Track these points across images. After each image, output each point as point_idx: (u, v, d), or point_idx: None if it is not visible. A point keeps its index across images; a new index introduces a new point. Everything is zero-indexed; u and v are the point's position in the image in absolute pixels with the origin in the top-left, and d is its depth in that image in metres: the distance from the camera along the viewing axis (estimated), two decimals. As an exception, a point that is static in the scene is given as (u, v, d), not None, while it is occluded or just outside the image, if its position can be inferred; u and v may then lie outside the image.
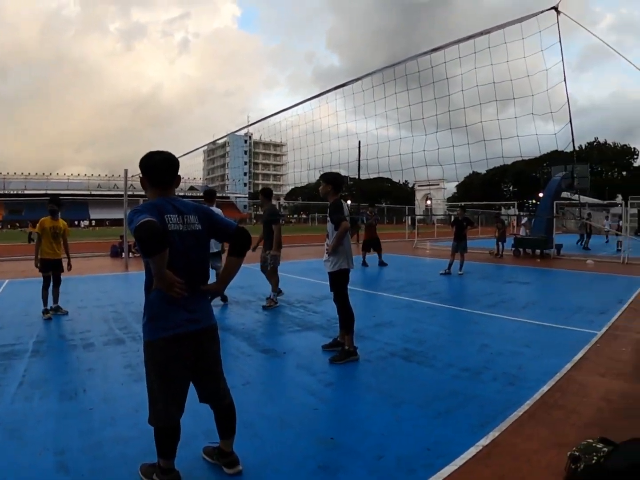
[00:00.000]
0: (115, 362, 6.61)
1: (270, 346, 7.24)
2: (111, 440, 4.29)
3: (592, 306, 10.55)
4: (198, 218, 3.52)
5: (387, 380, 5.89)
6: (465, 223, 16.82)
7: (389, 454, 4.05)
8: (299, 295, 11.95)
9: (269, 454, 4.08)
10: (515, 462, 3.92)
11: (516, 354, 6.96)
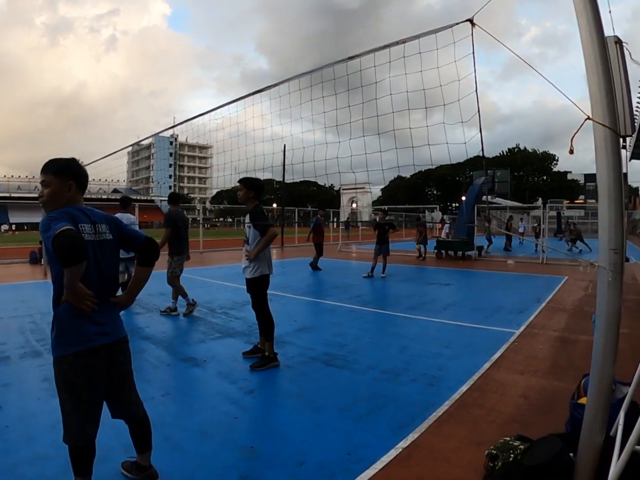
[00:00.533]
0: (33, 376, 6.33)
1: (191, 354, 7.10)
2: (29, 460, 4.10)
3: (511, 306, 10.82)
4: (108, 227, 3.41)
5: (308, 386, 5.87)
6: (387, 226, 17.00)
7: (309, 460, 4.02)
8: (221, 301, 11.79)
9: (190, 466, 3.98)
10: (434, 462, 3.95)
11: (436, 355, 7.04)
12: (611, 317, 2.98)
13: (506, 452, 3.61)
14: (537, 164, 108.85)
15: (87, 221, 3.26)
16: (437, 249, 24.69)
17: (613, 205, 2.90)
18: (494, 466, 3.58)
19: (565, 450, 3.33)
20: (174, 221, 9.55)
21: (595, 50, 2.93)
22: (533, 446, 3.59)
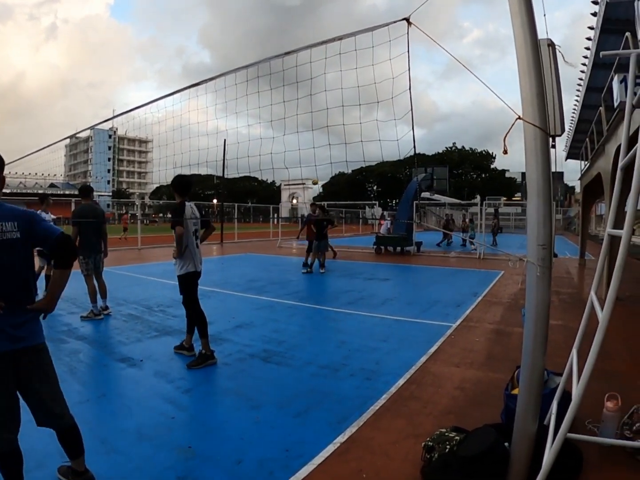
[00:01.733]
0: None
1: (127, 354, 6.95)
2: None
3: (448, 300, 10.99)
4: (16, 225, 3.12)
5: (246, 383, 5.84)
6: (325, 222, 16.99)
7: (248, 458, 4.01)
8: (158, 298, 11.59)
9: (127, 469, 3.92)
10: (373, 456, 3.99)
11: (373, 350, 7.10)
12: (540, 310, 3.06)
13: (442, 443, 3.68)
14: (475, 161, 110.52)
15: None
16: (377, 244, 24.84)
17: (542, 203, 2.98)
18: (430, 457, 3.65)
19: (500, 440, 3.41)
20: (77, 216, 9.21)
21: (528, 52, 3.00)
22: (468, 437, 3.67)
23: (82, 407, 4.93)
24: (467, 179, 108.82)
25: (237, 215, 46.83)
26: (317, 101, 6.82)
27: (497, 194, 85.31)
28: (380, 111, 6.24)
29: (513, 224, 58.82)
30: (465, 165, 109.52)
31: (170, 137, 9.15)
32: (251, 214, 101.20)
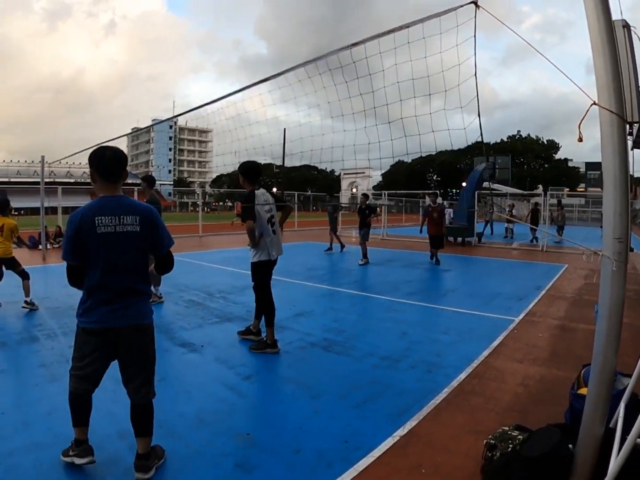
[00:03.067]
0: (29, 362, 6.30)
1: (188, 339, 7.05)
2: (24, 448, 4.06)
3: (510, 292, 10.78)
4: (138, 220, 3.57)
5: (306, 372, 5.84)
6: (367, 211, 16.87)
7: (306, 448, 4.00)
8: (220, 285, 11.74)
9: (185, 453, 3.97)
10: (433, 450, 3.93)
11: (435, 341, 7.03)
12: (614, 307, 2.94)
13: (505, 442, 3.58)
14: (539, 151, 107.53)
15: (109, 213, 3.47)
16: (437, 234, 24.54)
17: (619, 193, 2.84)
18: (492, 456, 3.56)
19: (564, 442, 3.29)
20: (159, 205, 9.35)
21: (602, 34, 2.85)
22: (532, 437, 3.56)
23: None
24: (530, 169, 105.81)
25: (296, 203, 46.89)
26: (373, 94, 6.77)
27: (560, 185, 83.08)
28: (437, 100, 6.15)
29: (576, 216, 57.14)
30: (528, 155, 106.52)
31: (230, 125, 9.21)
32: (310, 203, 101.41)
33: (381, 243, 24.64)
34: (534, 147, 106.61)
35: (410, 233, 27.72)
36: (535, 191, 42.78)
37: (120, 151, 3.76)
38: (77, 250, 3.46)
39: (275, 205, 6.92)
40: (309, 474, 3.63)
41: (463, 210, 24.98)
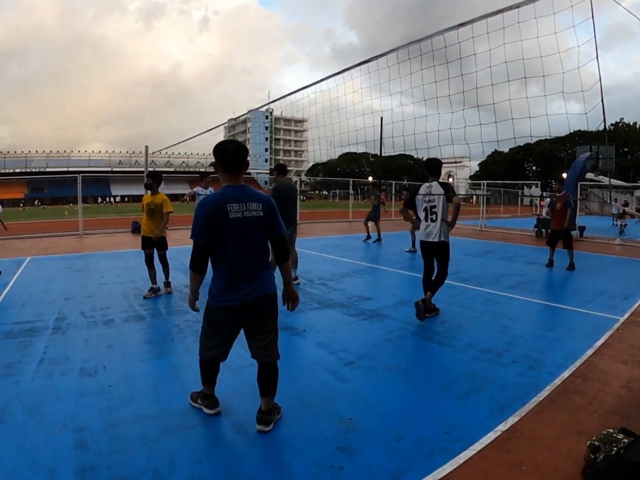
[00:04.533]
0: (136, 338, 6.68)
1: (290, 323, 7.22)
2: (130, 419, 4.34)
3: (615, 290, 10.43)
4: (261, 206, 4.05)
5: (407, 360, 5.93)
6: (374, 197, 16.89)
7: (407, 436, 4.07)
8: (319, 272, 11.95)
9: (288, 434, 4.12)
10: (534, 449, 3.92)
11: (537, 337, 6.93)
12: None
13: (609, 444, 3.55)
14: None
15: (236, 201, 3.92)
16: (538, 227, 23.94)
17: None
18: (595, 458, 3.54)
19: (671, 448, 3.25)
20: (276, 192, 9.59)
21: None
22: (637, 441, 3.52)
23: (246, 371, 5.20)
24: (635, 158, 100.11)
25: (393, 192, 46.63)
26: (470, 78, 6.69)
27: None
28: (534, 87, 6.04)
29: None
30: (632, 143, 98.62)
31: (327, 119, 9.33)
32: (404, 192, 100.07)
33: (480, 234, 24.29)
34: (638, 136, 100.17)
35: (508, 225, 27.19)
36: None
37: (241, 144, 4.18)
38: (207, 232, 3.86)
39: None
40: (410, 462, 3.68)
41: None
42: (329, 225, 26.77)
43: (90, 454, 3.76)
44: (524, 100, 6.29)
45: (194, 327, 7.09)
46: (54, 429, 4.17)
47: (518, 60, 6.01)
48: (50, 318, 7.59)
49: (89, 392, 4.90)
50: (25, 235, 21.02)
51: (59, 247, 16.95)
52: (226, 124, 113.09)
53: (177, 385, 5.10)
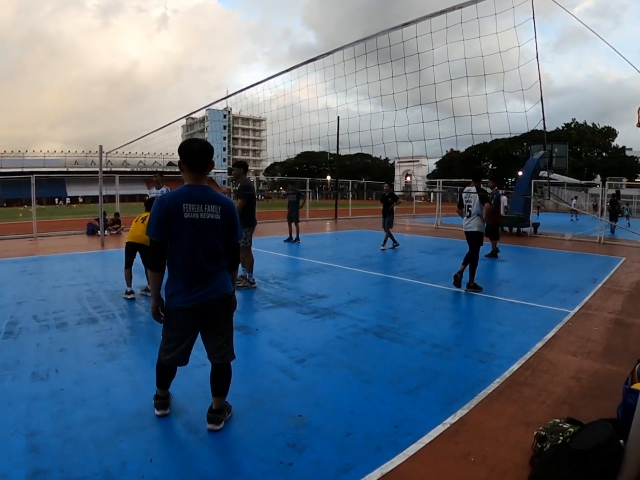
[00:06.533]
0: (88, 341, 6.54)
1: (243, 322, 7.19)
2: (82, 422, 4.26)
3: (566, 285, 10.63)
4: (220, 209, 3.98)
5: (359, 357, 5.92)
6: (390, 199, 17.18)
7: (357, 431, 4.08)
8: (273, 271, 11.93)
9: (239, 432, 4.11)
10: (482, 440, 3.96)
11: (488, 331, 7.03)
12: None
13: (555, 434, 3.60)
14: (596, 139, 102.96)
15: (193, 201, 3.87)
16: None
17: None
18: (542, 447, 3.58)
19: (616, 436, 3.29)
20: (247, 190, 9.50)
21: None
22: (583, 430, 3.56)
23: (198, 371, 5.16)
24: (586, 158, 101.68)
25: (350, 191, 46.93)
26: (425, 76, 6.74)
27: (618, 175, 79.93)
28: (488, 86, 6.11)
29: (636, 208, 55.06)
30: (584, 143, 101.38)
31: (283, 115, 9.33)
32: (365, 191, 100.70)
33: (435, 232, 24.55)
34: (588, 136, 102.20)
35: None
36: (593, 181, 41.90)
37: (207, 144, 4.16)
38: (162, 228, 3.83)
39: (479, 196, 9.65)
40: (359, 457, 3.69)
41: (519, 199, 24.63)
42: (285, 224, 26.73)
43: (42, 458, 3.70)
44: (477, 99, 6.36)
45: (147, 328, 7.04)
46: (6, 434, 4.08)
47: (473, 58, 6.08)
48: (2, 322, 7.42)
49: (40, 396, 4.81)
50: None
51: (12, 250, 16.58)
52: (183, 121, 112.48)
53: (130, 387, 5.04)
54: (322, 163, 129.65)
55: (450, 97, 6.55)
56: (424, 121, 6.83)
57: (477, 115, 6.24)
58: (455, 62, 6.35)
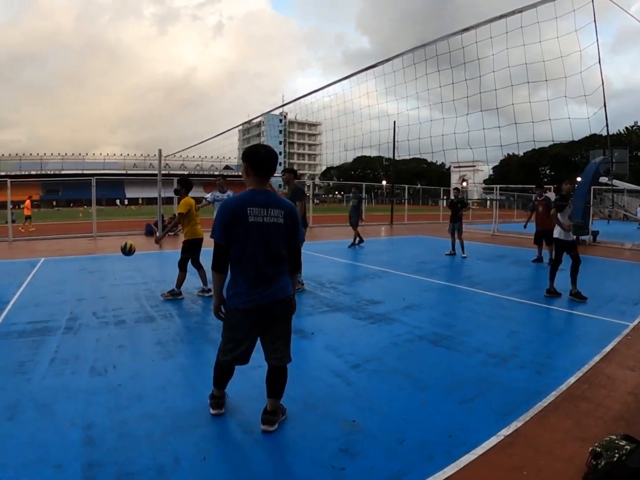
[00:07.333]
0: (146, 339, 6.74)
1: (299, 326, 7.23)
2: (138, 418, 4.40)
3: (625, 296, 10.40)
4: (283, 214, 4.06)
5: (414, 364, 5.91)
6: (459, 205, 17.15)
7: (410, 439, 4.08)
8: (330, 275, 12.01)
9: (292, 434, 4.16)
10: (536, 453, 3.91)
11: (545, 342, 6.93)
12: None
13: (611, 451, 3.55)
14: None
15: (257, 205, 3.97)
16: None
17: None
18: (596, 464, 3.53)
19: (674, 457, 3.24)
20: (303, 193, 9.66)
21: None
22: (639, 448, 3.51)
23: (254, 373, 5.21)
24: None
25: (406, 196, 46.70)
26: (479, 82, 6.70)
27: None
28: (544, 91, 6.03)
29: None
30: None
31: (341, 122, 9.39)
32: (420, 196, 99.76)
33: (492, 239, 24.26)
34: None
35: (521, 229, 27.09)
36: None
37: (272, 150, 4.24)
38: (226, 232, 3.96)
39: None
40: (411, 465, 3.69)
41: (578, 206, 24.12)
42: (340, 228, 26.74)
43: (97, 451, 3.83)
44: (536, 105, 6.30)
45: (203, 329, 7.21)
46: (64, 425, 4.24)
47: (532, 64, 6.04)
48: (63, 318, 7.68)
49: (98, 391, 4.98)
50: (40, 237, 21.23)
51: (72, 249, 17.10)
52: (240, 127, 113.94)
53: (185, 386, 5.17)
54: (377, 168, 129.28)
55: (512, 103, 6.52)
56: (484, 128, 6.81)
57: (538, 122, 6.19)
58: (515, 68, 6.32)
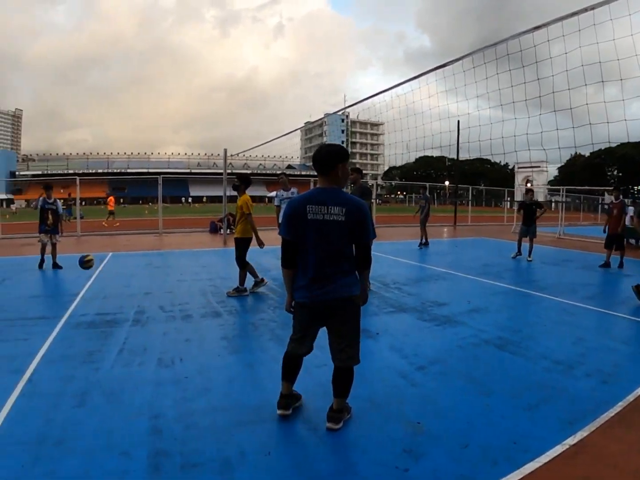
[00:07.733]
0: (212, 334, 6.94)
1: (364, 326, 7.17)
2: (203, 410, 4.56)
3: (700, 306, 10.09)
4: (343, 210, 4.01)
5: (478, 368, 5.91)
6: (534, 207, 16.48)
7: (474, 443, 4.09)
8: (394, 276, 12.06)
9: (357, 434, 4.22)
10: (601, 465, 3.88)
11: (612, 351, 6.79)
12: None
13: (678, 465, 3.51)
14: None
15: (317, 203, 4.02)
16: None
17: None
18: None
19: None
20: (369, 192, 9.74)
21: None
22: None
23: (319, 371, 5.32)
24: None
25: (470, 197, 46.21)
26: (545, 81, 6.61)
27: None
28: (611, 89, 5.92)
29: None
30: None
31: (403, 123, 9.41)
32: (483, 197, 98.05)
33: (558, 242, 23.75)
34: None
35: (587, 233, 26.45)
36: None
37: (334, 148, 4.29)
38: (291, 229, 4.11)
39: None
40: (474, 469, 3.72)
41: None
42: (404, 229, 26.67)
43: (163, 440, 3.99)
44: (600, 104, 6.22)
45: (269, 325, 7.33)
46: (131, 414, 4.44)
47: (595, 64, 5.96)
48: (130, 311, 7.95)
49: (165, 382, 5.18)
50: (107, 232, 21.87)
51: (139, 244, 17.62)
52: (302, 127, 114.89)
53: (250, 381, 5.32)
54: (440, 168, 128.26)
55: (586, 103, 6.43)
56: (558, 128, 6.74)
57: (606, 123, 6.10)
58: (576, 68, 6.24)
